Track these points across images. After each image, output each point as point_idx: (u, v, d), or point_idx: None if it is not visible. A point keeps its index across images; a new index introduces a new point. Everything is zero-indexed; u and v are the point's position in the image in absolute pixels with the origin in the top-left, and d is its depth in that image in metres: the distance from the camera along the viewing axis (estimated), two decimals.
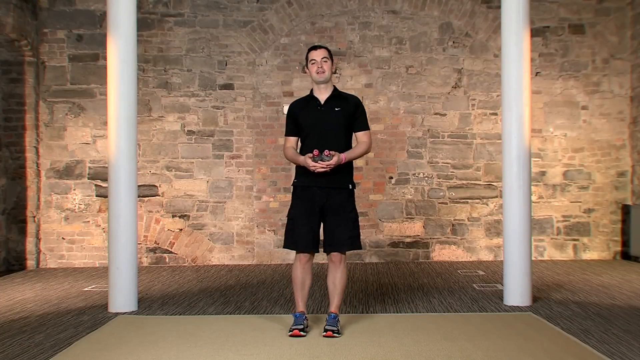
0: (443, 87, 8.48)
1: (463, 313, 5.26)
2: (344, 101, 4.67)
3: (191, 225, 8.39)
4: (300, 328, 4.50)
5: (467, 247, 8.42)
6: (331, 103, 4.64)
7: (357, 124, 4.68)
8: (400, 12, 8.49)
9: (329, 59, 4.63)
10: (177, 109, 8.42)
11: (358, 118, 4.67)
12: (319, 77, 4.62)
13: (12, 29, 7.69)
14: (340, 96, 4.70)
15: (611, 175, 8.46)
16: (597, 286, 6.44)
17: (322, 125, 4.59)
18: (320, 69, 4.60)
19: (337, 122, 4.61)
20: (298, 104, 4.75)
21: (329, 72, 4.63)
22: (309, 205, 4.58)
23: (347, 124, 4.64)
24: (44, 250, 8.30)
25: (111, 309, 5.46)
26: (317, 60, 4.61)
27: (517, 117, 5.54)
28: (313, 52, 4.65)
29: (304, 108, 4.69)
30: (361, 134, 4.69)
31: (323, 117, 4.61)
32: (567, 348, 4.14)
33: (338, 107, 4.62)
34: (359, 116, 4.67)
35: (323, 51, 4.65)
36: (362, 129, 4.69)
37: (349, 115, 4.63)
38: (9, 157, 8.17)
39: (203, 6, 8.46)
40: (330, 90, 4.68)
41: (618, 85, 8.47)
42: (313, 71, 4.62)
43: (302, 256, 4.62)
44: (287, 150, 4.71)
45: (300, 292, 4.64)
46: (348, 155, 4.56)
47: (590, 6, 8.48)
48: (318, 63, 4.60)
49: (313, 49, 4.69)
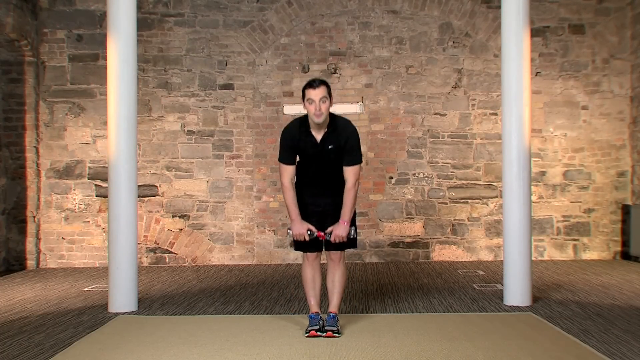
0: (443, 87, 8.48)
1: (463, 313, 5.26)
2: (338, 135, 4.50)
3: (191, 225, 8.39)
4: (317, 328, 4.50)
5: (467, 247, 8.42)
6: (326, 141, 4.51)
7: (345, 158, 4.52)
8: (400, 12, 8.49)
9: (327, 99, 4.41)
10: (177, 109, 8.42)
11: (347, 152, 4.51)
12: (316, 120, 4.42)
13: (12, 29, 7.69)
14: (335, 130, 4.50)
15: (611, 175, 8.45)
16: (597, 286, 6.44)
17: (319, 161, 4.56)
18: (318, 112, 4.39)
19: (331, 159, 4.53)
20: (294, 134, 4.56)
21: (326, 113, 4.43)
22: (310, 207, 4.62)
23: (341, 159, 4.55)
24: (44, 250, 8.30)
25: (111, 309, 5.46)
26: (315, 101, 4.38)
27: (517, 117, 5.54)
28: (311, 90, 4.40)
29: (300, 140, 4.54)
30: (347, 169, 4.53)
31: (319, 154, 4.54)
32: (567, 348, 4.14)
33: (331, 145, 4.50)
34: (348, 150, 4.50)
35: (322, 90, 4.41)
36: (349, 164, 4.52)
37: (341, 150, 4.52)
38: (9, 157, 8.17)
39: (203, 6, 8.46)
40: (325, 127, 4.51)
41: (618, 85, 8.47)
42: (310, 111, 4.42)
43: (309, 255, 4.66)
44: (287, 192, 4.54)
45: (312, 291, 4.67)
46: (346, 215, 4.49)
47: (590, 6, 8.48)
48: (316, 104, 4.38)
49: (311, 86, 4.42)
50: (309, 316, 4.63)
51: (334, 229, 4.51)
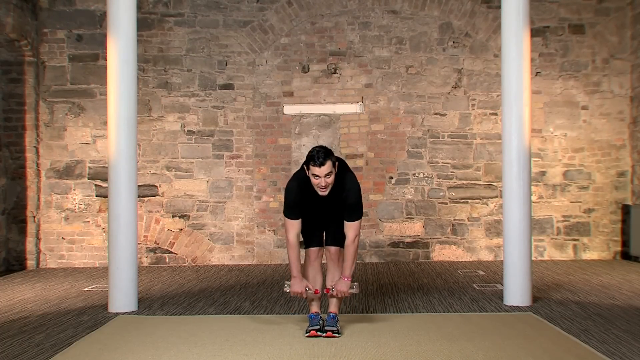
0: (443, 87, 8.48)
1: (463, 313, 5.26)
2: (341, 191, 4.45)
3: (191, 225, 8.39)
4: (317, 328, 4.50)
5: (467, 247, 8.42)
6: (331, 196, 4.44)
7: (346, 212, 4.48)
8: (400, 12, 8.49)
9: (332, 173, 4.32)
10: (177, 109, 8.43)
11: (347, 207, 4.46)
12: (321, 193, 4.37)
13: (12, 29, 7.69)
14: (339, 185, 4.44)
15: (611, 175, 8.45)
16: (597, 286, 6.44)
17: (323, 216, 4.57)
18: (323, 189, 4.34)
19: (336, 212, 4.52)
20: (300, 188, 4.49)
21: (332, 184, 4.35)
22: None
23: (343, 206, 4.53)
24: (44, 250, 8.30)
25: (111, 309, 5.46)
26: (320, 177, 4.30)
27: (517, 117, 5.54)
28: (316, 168, 4.29)
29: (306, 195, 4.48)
30: (347, 225, 4.48)
31: (323, 208, 4.52)
32: (567, 348, 4.14)
33: (336, 198, 4.45)
34: (348, 205, 4.45)
35: (327, 167, 4.28)
36: (349, 219, 4.47)
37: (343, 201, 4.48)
38: (9, 157, 8.17)
39: (203, 6, 8.46)
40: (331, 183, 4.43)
41: (618, 85, 8.47)
42: (314, 184, 4.34)
43: (311, 252, 4.66)
44: (292, 249, 4.47)
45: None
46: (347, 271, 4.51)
47: (590, 6, 8.48)
48: (321, 180, 4.30)
49: (315, 164, 4.28)
50: (309, 316, 4.64)
51: (336, 285, 4.53)
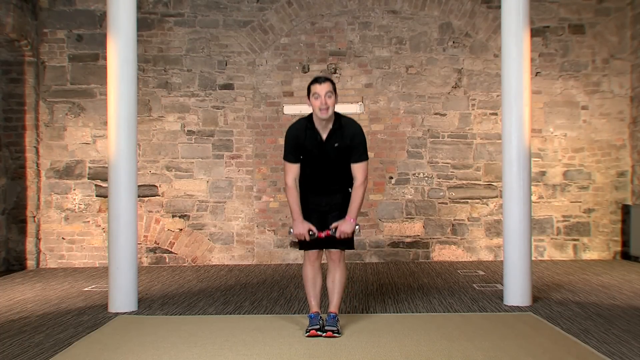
0: (443, 87, 8.48)
1: (463, 313, 5.26)
2: (343, 134, 4.51)
3: (191, 225, 8.39)
4: (317, 328, 4.50)
5: (467, 247, 8.42)
6: (332, 139, 4.51)
7: (353, 155, 4.52)
8: (400, 12, 8.49)
9: (333, 94, 4.43)
10: (177, 109, 8.43)
11: (354, 149, 4.51)
12: (322, 115, 4.42)
13: (12, 29, 7.69)
14: (341, 128, 4.51)
15: (611, 175, 8.45)
16: (597, 286, 6.44)
17: (323, 161, 4.55)
18: (323, 106, 4.40)
19: (337, 158, 4.53)
20: (299, 132, 4.55)
21: (332, 109, 4.43)
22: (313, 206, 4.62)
23: (346, 157, 4.55)
24: (44, 250, 8.30)
25: (111, 309, 5.46)
26: (321, 96, 4.40)
27: (517, 117, 5.54)
28: (317, 85, 4.43)
29: (306, 138, 4.53)
30: (355, 166, 4.53)
31: (324, 153, 4.53)
32: (567, 348, 4.14)
33: (337, 143, 4.50)
34: (355, 147, 4.51)
35: (327, 85, 4.43)
36: (357, 160, 4.53)
37: (347, 148, 4.52)
38: (9, 157, 8.17)
39: (203, 6, 8.46)
40: (331, 124, 4.51)
41: (618, 85, 8.47)
42: (316, 106, 4.42)
43: (310, 254, 4.65)
44: (290, 191, 4.53)
45: (313, 291, 4.67)
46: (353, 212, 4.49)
47: (590, 6, 8.48)
48: (322, 99, 4.39)
49: (317, 81, 4.46)
50: (309, 316, 4.63)
51: (340, 225, 4.49)
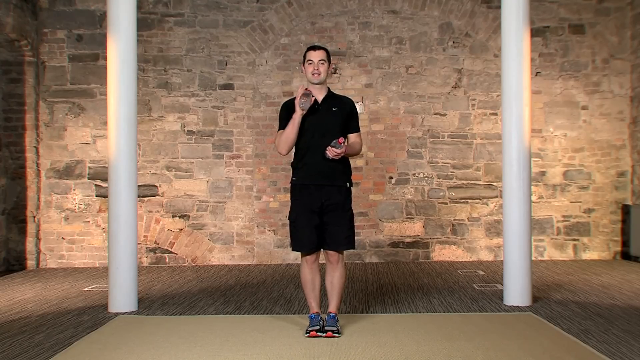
0: (443, 87, 8.48)
1: (463, 313, 5.26)
2: (340, 102, 4.73)
3: (191, 225, 8.39)
4: (317, 329, 4.51)
5: (467, 247, 8.42)
6: (328, 103, 4.67)
7: (351, 125, 4.74)
8: (400, 12, 8.49)
9: (326, 62, 4.64)
10: (177, 109, 8.43)
11: (352, 120, 4.74)
12: (313, 79, 4.63)
13: (12, 29, 7.69)
14: (335, 97, 4.75)
15: (611, 175, 8.45)
16: (597, 286, 6.44)
17: (320, 125, 4.60)
18: (315, 71, 4.61)
19: (334, 122, 4.63)
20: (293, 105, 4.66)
21: (324, 75, 4.65)
22: (308, 206, 4.59)
23: (342, 125, 4.68)
24: (44, 250, 8.30)
25: (111, 309, 5.46)
26: (314, 62, 4.61)
27: (517, 117, 5.54)
28: (311, 52, 4.66)
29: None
30: (354, 136, 4.74)
31: (321, 116, 4.62)
32: (567, 348, 4.15)
33: (335, 107, 4.67)
34: (352, 118, 4.74)
35: (321, 53, 4.65)
36: (356, 130, 4.76)
37: (345, 116, 4.69)
38: (9, 157, 8.17)
39: (203, 6, 8.46)
40: (325, 91, 4.71)
41: (618, 85, 8.47)
42: (308, 71, 4.64)
43: (308, 257, 4.65)
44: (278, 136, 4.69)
45: (312, 292, 4.67)
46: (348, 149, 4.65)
47: (590, 6, 8.48)
48: (315, 64, 4.61)
49: (312, 48, 4.70)
50: (309, 316, 4.63)
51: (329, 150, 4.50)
